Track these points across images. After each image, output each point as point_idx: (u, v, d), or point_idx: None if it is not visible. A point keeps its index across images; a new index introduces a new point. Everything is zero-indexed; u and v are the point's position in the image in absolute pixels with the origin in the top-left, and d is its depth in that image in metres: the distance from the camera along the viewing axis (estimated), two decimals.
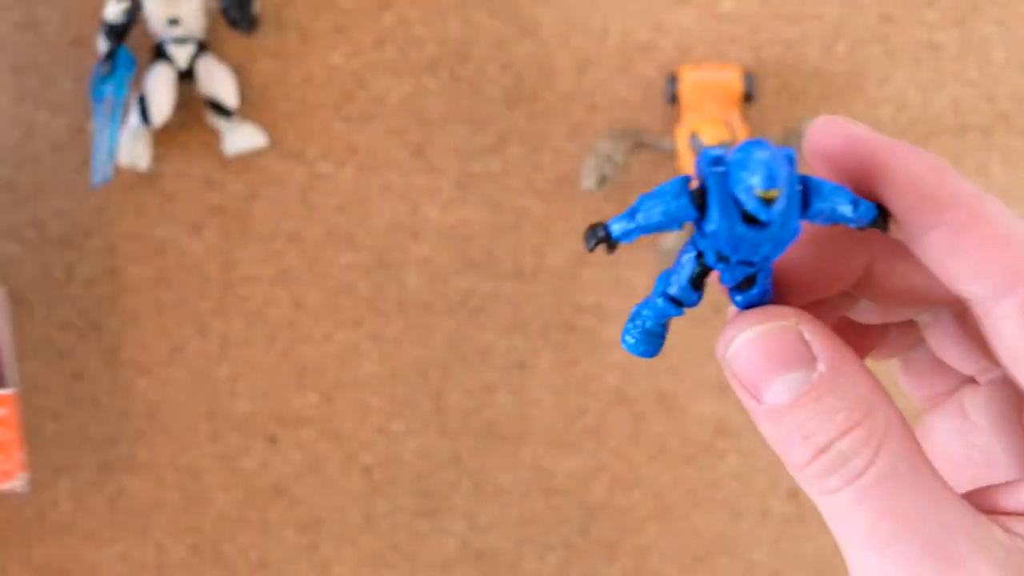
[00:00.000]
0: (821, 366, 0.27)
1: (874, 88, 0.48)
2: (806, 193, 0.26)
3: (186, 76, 0.47)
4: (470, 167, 0.48)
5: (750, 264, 0.27)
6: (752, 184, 0.24)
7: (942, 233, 0.26)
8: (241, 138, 0.47)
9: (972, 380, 0.33)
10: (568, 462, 0.49)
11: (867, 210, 0.27)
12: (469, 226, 0.48)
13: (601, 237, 0.27)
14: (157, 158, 0.48)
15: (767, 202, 0.25)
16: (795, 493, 0.50)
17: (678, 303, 0.29)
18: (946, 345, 0.33)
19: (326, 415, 0.49)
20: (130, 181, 0.48)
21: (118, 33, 0.46)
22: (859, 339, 0.33)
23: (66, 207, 0.48)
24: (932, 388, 0.35)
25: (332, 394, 0.49)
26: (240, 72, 0.48)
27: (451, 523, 0.50)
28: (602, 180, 0.46)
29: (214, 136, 0.48)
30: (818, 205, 0.26)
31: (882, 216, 0.27)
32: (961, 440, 0.33)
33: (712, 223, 0.26)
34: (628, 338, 0.28)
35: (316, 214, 0.48)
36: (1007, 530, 0.26)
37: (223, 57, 0.47)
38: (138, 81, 0.47)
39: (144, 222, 0.48)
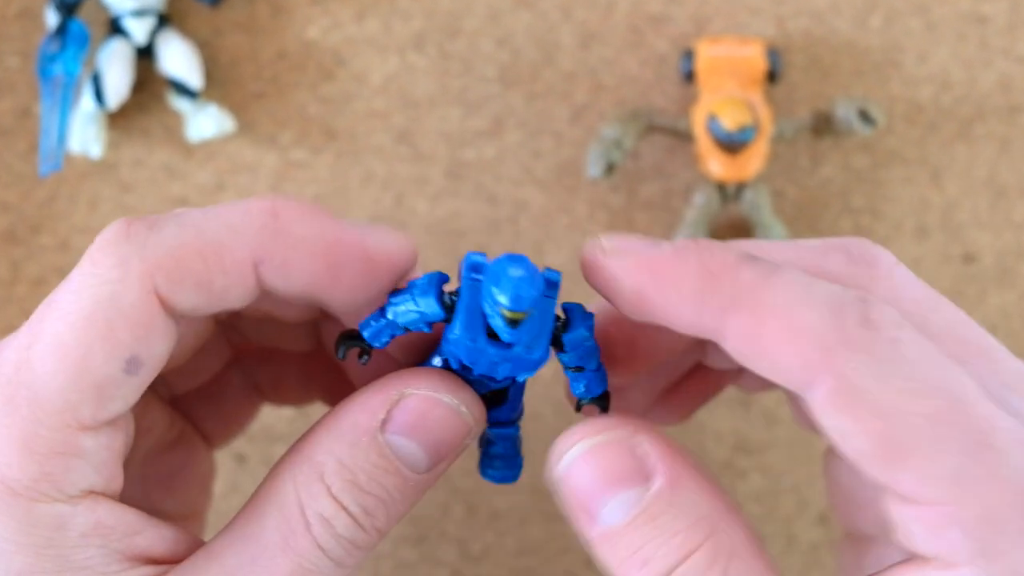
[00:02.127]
0: (657, 482, 0.26)
1: (913, 65, 0.47)
2: (567, 324, 0.27)
3: (145, 53, 0.45)
4: (461, 154, 0.47)
5: (492, 379, 0.28)
6: (499, 301, 0.25)
7: (734, 342, 0.26)
8: (206, 122, 0.46)
9: None
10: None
11: (596, 386, 0.28)
12: (460, 220, 0.47)
13: (353, 340, 0.28)
14: (113, 144, 0.47)
15: (511, 323, 0.25)
16: (825, 518, 0.48)
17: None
18: None
19: (300, 430, 0.46)
20: (83, 170, 0.47)
21: (69, 5, 0.45)
22: (716, 378, 0.34)
23: (11, 199, 0.47)
24: None
25: (307, 407, 0.47)
26: (205, 48, 0.46)
27: (442, 551, 0.48)
28: (610, 168, 0.44)
29: (176, 120, 0.47)
30: (569, 344, 0.27)
31: (604, 398, 0.28)
32: (858, 478, 0.32)
33: (455, 331, 0.27)
34: None
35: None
36: None
37: (186, 32, 0.46)
38: (91, 58, 0.46)
39: (98, 215, 0.47)
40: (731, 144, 0.44)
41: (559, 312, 0.28)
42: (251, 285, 0.27)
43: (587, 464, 0.27)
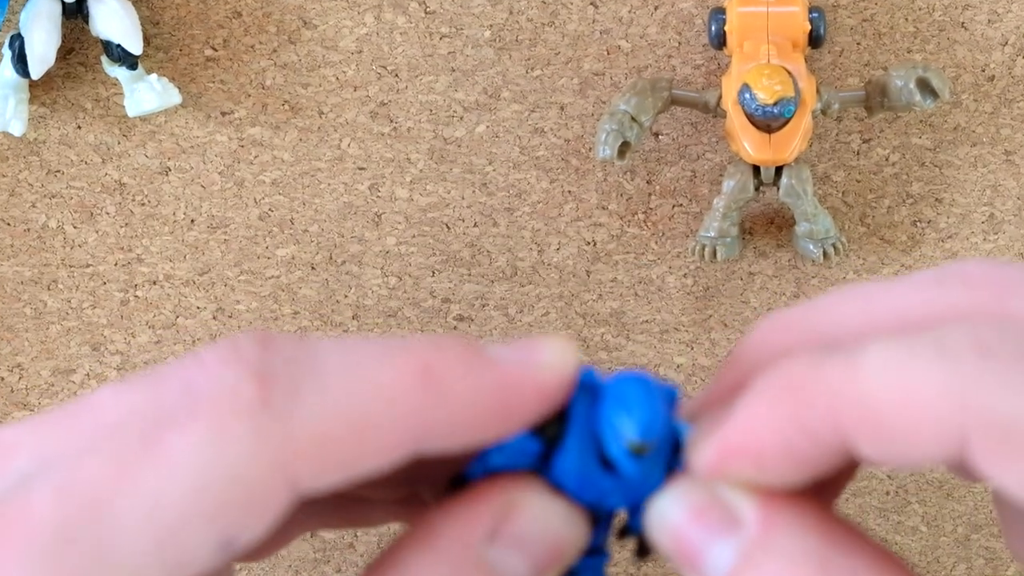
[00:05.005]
0: (750, 525, 0.27)
1: (983, 27, 0.46)
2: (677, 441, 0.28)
3: (75, 12, 0.44)
4: (449, 131, 0.46)
5: (594, 508, 0.28)
6: (624, 431, 0.26)
7: (862, 445, 0.26)
8: (147, 94, 0.45)
9: None
10: None
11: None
12: (448, 209, 0.47)
13: (462, 489, 0.29)
14: (37, 120, 0.46)
15: (638, 454, 0.26)
16: None
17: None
18: None
19: None
20: (0, 150, 0.46)
21: None
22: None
23: None
24: None
25: None
26: (146, 6, 0.45)
27: None
28: (624, 148, 0.43)
29: (112, 91, 0.46)
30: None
31: (641, 549, 0.29)
32: None
33: (566, 460, 0.27)
34: None
35: (246, 193, 0.47)
36: None
37: None
38: (11, 19, 0.45)
39: (19, 204, 0.46)
40: (767, 120, 0.43)
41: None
42: (403, 459, 0.27)
43: (680, 514, 0.28)
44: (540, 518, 0.28)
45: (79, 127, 0.46)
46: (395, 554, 0.27)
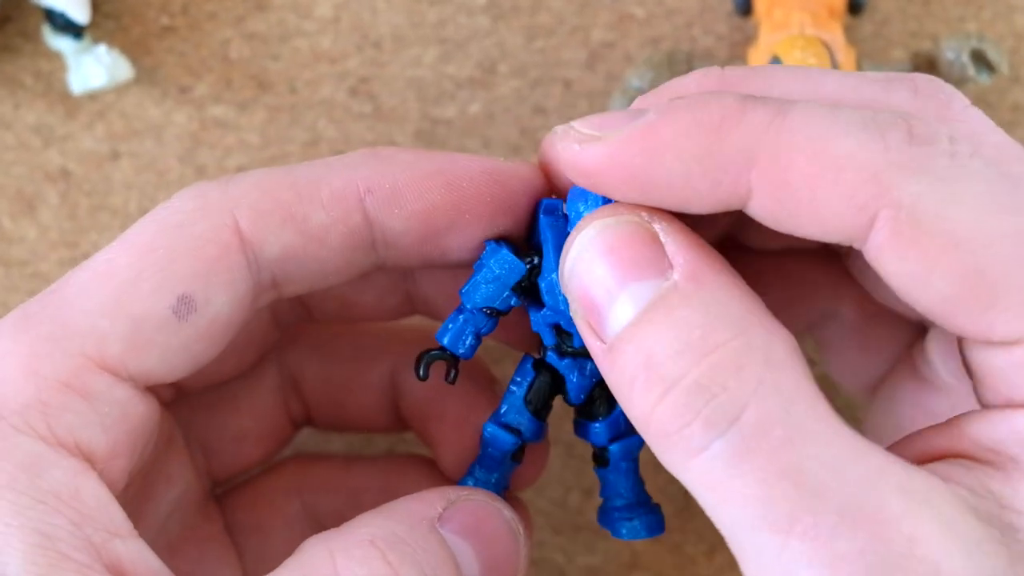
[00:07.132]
0: (676, 273, 0.27)
1: None
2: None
3: None
4: (438, 111, 0.46)
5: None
6: (589, 203, 0.29)
7: (761, 201, 0.27)
8: (95, 68, 0.44)
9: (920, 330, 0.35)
10: (585, 555, 0.46)
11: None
12: None
13: (433, 355, 0.31)
14: None
15: None
16: None
17: (514, 431, 0.32)
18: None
19: None
20: None
21: None
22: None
23: None
24: (870, 361, 0.37)
25: None
26: None
27: None
28: None
29: (55, 64, 0.45)
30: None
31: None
32: (919, 408, 0.35)
33: (548, 273, 0.30)
34: None
35: (209, 180, 0.44)
36: (945, 479, 0.27)
37: None
38: None
39: None
40: None
41: None
42: (356, 222, 0.29)
43: (596, 249, 0.28)
44: (485, 516, 0.30)
45: (17, 106, 0.46)
46: (345, 524, 0.29)
